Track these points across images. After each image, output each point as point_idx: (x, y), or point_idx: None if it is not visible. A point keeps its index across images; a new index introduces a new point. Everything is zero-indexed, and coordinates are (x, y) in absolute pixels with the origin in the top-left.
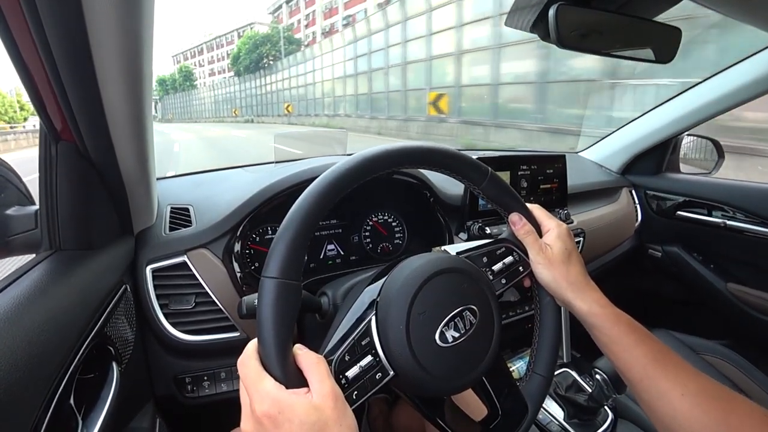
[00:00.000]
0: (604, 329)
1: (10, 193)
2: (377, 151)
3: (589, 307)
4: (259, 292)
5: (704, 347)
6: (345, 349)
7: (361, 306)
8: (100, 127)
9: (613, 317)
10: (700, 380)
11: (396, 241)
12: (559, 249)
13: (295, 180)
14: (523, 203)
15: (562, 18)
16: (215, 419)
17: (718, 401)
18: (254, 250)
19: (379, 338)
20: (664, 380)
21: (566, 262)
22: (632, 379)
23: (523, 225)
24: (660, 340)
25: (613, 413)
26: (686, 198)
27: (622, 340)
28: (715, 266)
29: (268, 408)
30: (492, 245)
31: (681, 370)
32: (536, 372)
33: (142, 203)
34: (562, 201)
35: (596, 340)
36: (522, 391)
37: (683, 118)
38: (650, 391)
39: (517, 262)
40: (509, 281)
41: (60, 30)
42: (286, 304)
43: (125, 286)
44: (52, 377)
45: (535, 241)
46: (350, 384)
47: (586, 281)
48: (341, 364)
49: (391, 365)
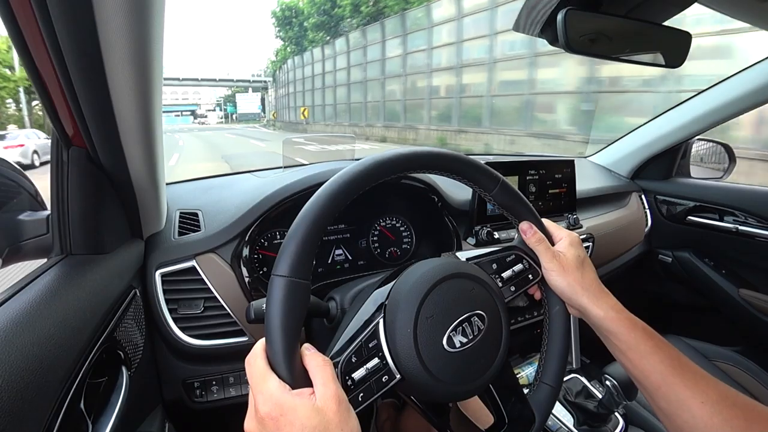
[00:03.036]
0: (621, 335)
1: (22, 198)
2: (389, 155)
3: (605, 312)
4: (269, 290)
5: (716, 354)
6: (352, 350)
7: (369, 309)
8: (111, 132)
9: (629, 323)
10: (719, 388)
11: (404, 245)
12: (573, 255)
13: (303, 185)
14: (534, 212)
15: (571, 23)
16: (223, 424)
17: (739, 410)
18: (262, 255)
19: (387, 341)
20: (684, 388)
21: (580, 268)
22: (649, 386)
23: (534, 233)
24: (674, 347)
25: (623, 420)
26: (697, 203)
27: (638, 347)
28: (727, 272)
29: (270, 409)
30: (502, 252)
31: (700, 378)
32: (544, 381)
33: (152, 208)
34: (571, 206)
35: (611, 347)
36: (529, 400)
37: (693, 122)
38: (669, 399)
39: (526, 270)
40: (518, 289)
41: (72, 37)
42: (295, 303)
43: (135, 291)
44: (63, 381)
45: (548, 248)
46: (356, 386)
47: (600, 287)
48: (348, 365)
49: (397, 368)
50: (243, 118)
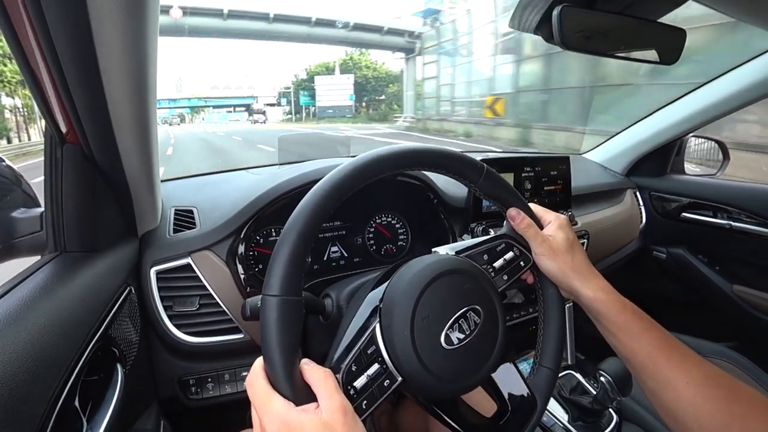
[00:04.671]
0: (610, 316)
1: (15, 196)
2: (368, 157)
3: (595, 293)
4: (261, 310)
5: (709, 350)
6: (351, 359)
7: (364, 314)
8: (106, 130)
9: (619, 304)
10: (704, 368)
11: (399, 243)
12: (562, 238)
13: (299, 182)
14: (521, 197)
15: (566, 19)
16: (219, 420)
17: (722, 389)
18: (258, 252)
19: (385, 345)
20: (669, 368)
21: (570, 251)
22: (637, 366)
23: (523, 219)
24: (663, 328)
25: (617, 416)
26: (691, 199)
27: (628, 327)
28: (721, 268)
29: (278, 428)
30: (492, 242)
31: (686, 358)
32: (543, 365)
33: (147, 205)
34: (566, 202)
35: (601, 328)
36: (530, 384)
37: (688, 119)
38: (656, 379)
39: (517, 257)
40: (511, 277)
41: (66, 34)
42: (289, 321)
43: (129, 288)
44: (58, 379)
45: (537, 233)
46: (359, 394)
47: (590, 269)
48: (348, 375)
49: (398, 371)
50: (326, 114)
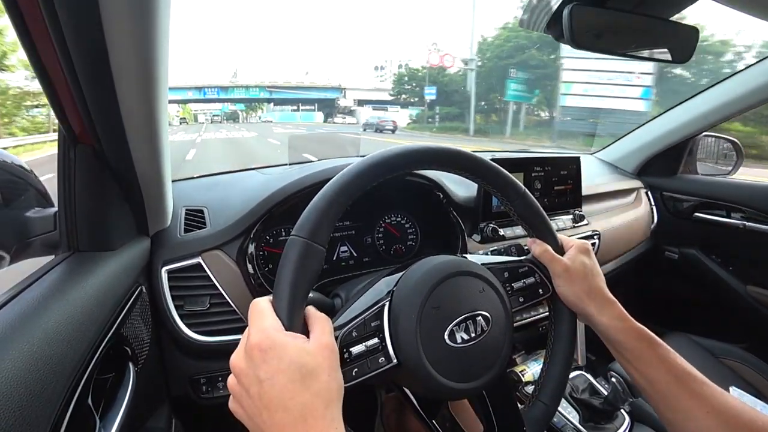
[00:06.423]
0: (626, 344)
1: (29, 196)
2: (421, 147)
3: (610, 321)
4: (285, 248)
5: (723, 351)
6: (354, 325)
7: (378, 293)
8: (118, 130)
9: (635, 333)
10: (723, 397)
11: (409, 242)
12: (580, 263)
13: (309, 182)
14: (551, 229)
15: (577, 18)
16: (230, 420)
17: (743, 419)
18: (268, 252)
19: (389, 323)
20: (689, 398)
21: (587, 277)
22: (655, 396)
23: (540, 244)
24: (680, 356)
25: (629, 417)
26: (704, 199)
27: (645, 356)
28: (734, 268)
29: (260, 340)
30: (515, 262)
31: (703, 387)
32: (540, 399)
33: (158, 205)
34: (577, 202)
35: (617, 356)
36: (523, 416)
37: (700, 118)
38: (675, 409)
39: (537, 284)
40: (527, 301)
41: (79, 35)
42: (308, 264)
43: (141, 287)
44: (71, 377)
45: (554, 257)
46: (352, 360)
47: (606, 296)
48: (347, 338)
49: (395, 353)
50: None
